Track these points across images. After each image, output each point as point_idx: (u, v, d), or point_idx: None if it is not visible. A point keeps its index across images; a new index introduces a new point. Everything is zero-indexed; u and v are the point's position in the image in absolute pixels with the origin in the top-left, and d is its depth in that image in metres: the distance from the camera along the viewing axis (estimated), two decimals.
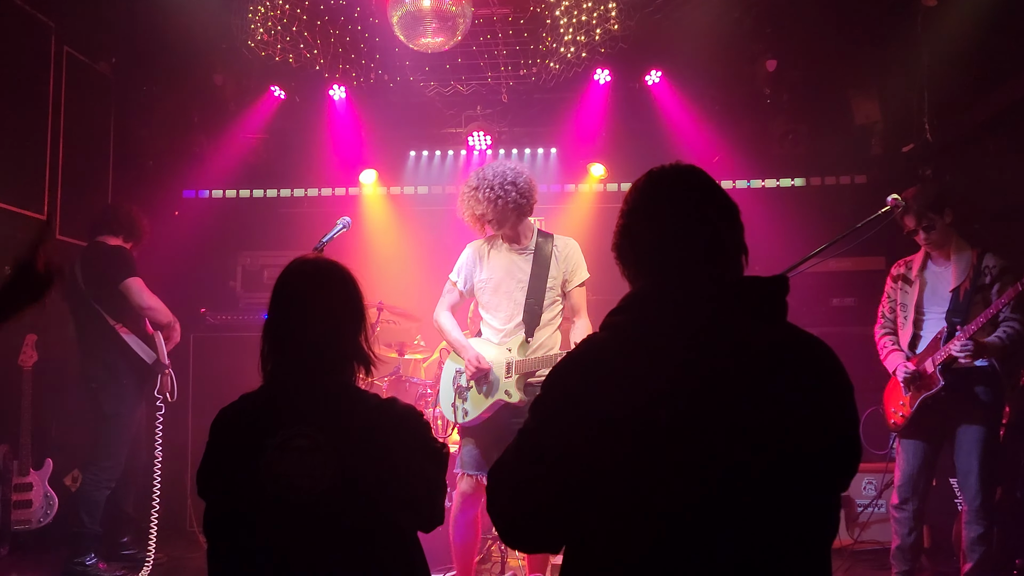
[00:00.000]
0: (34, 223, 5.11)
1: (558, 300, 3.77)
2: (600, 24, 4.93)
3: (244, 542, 1.74)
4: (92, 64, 5.75)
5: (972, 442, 3.75)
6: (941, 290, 3.90)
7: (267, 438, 1.73)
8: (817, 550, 1.46)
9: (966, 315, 3.77)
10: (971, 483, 3.74)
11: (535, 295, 3.68)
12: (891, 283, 4.15)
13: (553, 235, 3.81)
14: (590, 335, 1.60)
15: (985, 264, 3.82)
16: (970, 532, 3.75)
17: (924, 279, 3.98)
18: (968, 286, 3.80)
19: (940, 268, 3.95)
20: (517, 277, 3.72)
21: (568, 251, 3.76)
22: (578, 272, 3.76)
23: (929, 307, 3.94)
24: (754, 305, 1.54)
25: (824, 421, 1.45)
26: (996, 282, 3.78)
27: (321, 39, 5.21)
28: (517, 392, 3.62)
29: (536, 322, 3.69)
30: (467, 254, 3.88)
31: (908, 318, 3.99)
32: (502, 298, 3.74)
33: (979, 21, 4.74)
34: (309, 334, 1.86)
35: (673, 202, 1.63)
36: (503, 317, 3.73)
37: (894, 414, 3.95)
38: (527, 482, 1.51)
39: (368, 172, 6.56)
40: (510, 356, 3.66)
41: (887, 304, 4.15)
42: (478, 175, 3.67)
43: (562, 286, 3.75)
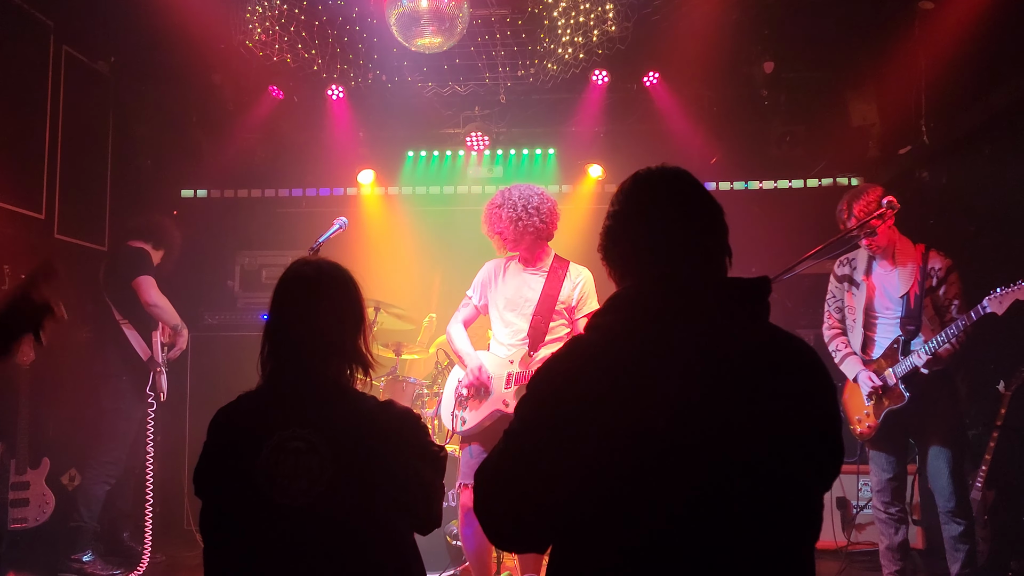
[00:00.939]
0: (32, 222, 5.11)
1: (564, 323, 3.84)
2: (598, 25, 4.94)
3: (240, 542, 1.75)
4: (91, 63, 5.75)
5: (939, 446, 3.80)
6: (891, 293, 3.92)
7: (264, 439, 1.74)
8: (801, 549, 1.47)
9: (919, 321, 3.81)
10: (942, 485, 3.78)
11: (543, 313, 3.76)
12: (835, 283, 4.16)
13: (570, 262, 3.89)
14: (575, 336, 1.61)
15: (931, 266, 3.84)
16: (950, 532, 3.78)
17: (871, 282, 3.99)
18: (917, 290, 3.82)
19: (885, 271, 3.95)
20: (527, 295, 3.80)
21: (581, 280, 3.84)
22: (588, 302, 3.83)
23: (880, 310, 3.96)
24: (737, 306, 1.56)
25: (807, 420, 1.47)
26: (943, 284, 3.82)
27: (319, 39, 5.22)
28: (515, 402, 3.62)
29: (541, 339, 3.76)
30: (484, 271, 3.99)
31: (857, 320, 4.01)
32: (511, 314, 3.82)
33: (976, 24, 4.74)
34: (308, 335, 1.87)
35: (657, 204, 1.65)
36: (510, 332, 3.81)
37: (859, 423, 3.98)
38: (512, 483, 1.51)
39: (366, 172, 6.58)
40: (512, 368, 3.73)
41: (834, 303, 4.16)
42: (504, 195, 3.78)
43: (570, 312, 3.82)
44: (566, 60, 5.22)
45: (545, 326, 3.75)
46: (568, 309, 3.81)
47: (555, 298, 3.77)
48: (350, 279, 1.98)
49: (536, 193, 3.77)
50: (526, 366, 3.71)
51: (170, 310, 4.76)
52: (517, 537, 1.59)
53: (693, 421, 1.42)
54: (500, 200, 3.77)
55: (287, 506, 1.70)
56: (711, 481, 1.40)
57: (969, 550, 3.75)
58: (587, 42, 5.05)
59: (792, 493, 1.44)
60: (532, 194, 3.76)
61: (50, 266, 1.46)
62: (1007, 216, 4.63)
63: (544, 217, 3.75)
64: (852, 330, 4.05)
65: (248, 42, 5.09)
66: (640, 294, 1.58)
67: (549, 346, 3.77)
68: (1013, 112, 4.60)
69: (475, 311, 3.99)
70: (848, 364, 4.01)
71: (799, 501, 1.46)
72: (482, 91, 6.14)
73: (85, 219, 5.74)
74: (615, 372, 1.48)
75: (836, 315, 4.15)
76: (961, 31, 4.85)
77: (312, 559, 1.71)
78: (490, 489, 1.56)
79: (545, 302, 3.76)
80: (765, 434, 1.42)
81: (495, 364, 3.77)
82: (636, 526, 1.41)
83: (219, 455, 1.82)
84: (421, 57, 5.40)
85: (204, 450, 1.84)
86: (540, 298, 3.77)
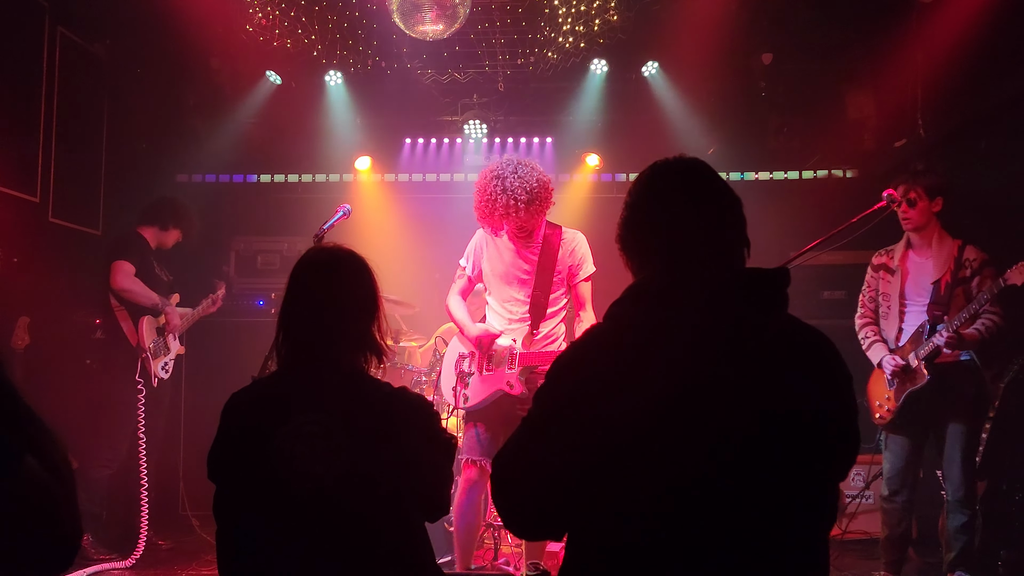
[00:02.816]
0: (27, 205, 5.08)
1: (564, 292, 3.78)
2: (599, 14, 4.93)
3: (253, 526, 1.76)
4: (86, 45, 5.70)
5: (956, 434, 3.83)
6: (923, 281, 3.95)
7: (279, 423, 1.75)
8: (817, 537, 1.49)
9: (947, 307, 3.83)
10: (955, 474, 3.82)
11: (541, 287, 3.69)
12: (872, 272, 4.19)
13: (561, 227, 3.81)
14: (593, 325, 1.63)
15: (966, 257, 3.87)
16: (953, 522, 3.83)
17: (906, 269, 4.02)
18: (949, 278, 3.85)
19: (921, 259, 3.99)
20: (523, 268, 3.72)
21: (576, 244, 3.77)
22: (584, 266, 3.76)
23: (911, 297, 3.98)
24: (756, 296, 1.57)
25: (825, 410, 1.49)
26: (976, 275, 3.84)
27: (319, 24, 5.19)
28: (519, 384, 3.64)
29: (542, 314, 3.70)
30: (476, 240, 3.88)
31: (892, 308, 4.03)
32: (508, 287, 3.75)
33: (973, 18, 4.77)
34: (324, 321, 1.87)
35: (677, 194, 1.65)
36: (508, 307, 3.75)
37: (879, 408, 4.00)
38: (531, 471, 1.53)
39: (363, 159, 6.55)
40: (515, 348, 3.68)
41: (868, 293, 4.18)
42: (502, 168, 3.59)
43: (568, 279, 3.77)
44: (566, 49, 5.22)
45: (546, 299, 3.69)
46: (568, 275, 3.74)
47: (552, 269, 3.69)
48: (366, 266, 1.98)
49: (535, 176, 3.58)
50: (529, 345, 3.67)
51: (144, 293, 4.73)
52: (536, 524, 1.60)
53: (712, 410, 1.43)
54: (497, 188, 3.55)
55: (301, 490, 1.71)
56: (730, 469, 1.41)
57: (967, 541, 3.80)
58: (588, 31, 5.05)
59: (809, 482, 1.46)
60: (525, 183, 3.55)
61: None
62: (1003, 210, 4.66)
63: (545, 200, 3.62)
64: (887, 317, 4.06)
65: (248, 26, 5.05)
66: (659, 284, 1.60)
67: (549, 321, 3.73)
68: (1010, 106, 4.64)
69: (469, 282, 3.90)
70: (874, 350, 4.03)
71: (816, 490, 1.48)
72: (481, 79, 6.12)
73: (80, 203, 5.70)
74: (634, 361, 1.49)
75: (869, 304, 4.16)
76: (958, 25, 4.87)
77: (324, 543, 1.72)
78: (509, 476, 1.57)
79: (543, 275, 3.68)
80: (783, 423, 1.44)
81: (498, 342, 3.71)
82: (656, 514, 1.42)
83: (234, 439, 1.83)
84: (421, 44, 5.38)
85: (218, 434, 1.85)
86: (537, 271, 3.69)
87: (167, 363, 4.92)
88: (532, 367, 3.65)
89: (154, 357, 4.77)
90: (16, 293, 4.75)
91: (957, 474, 3.80)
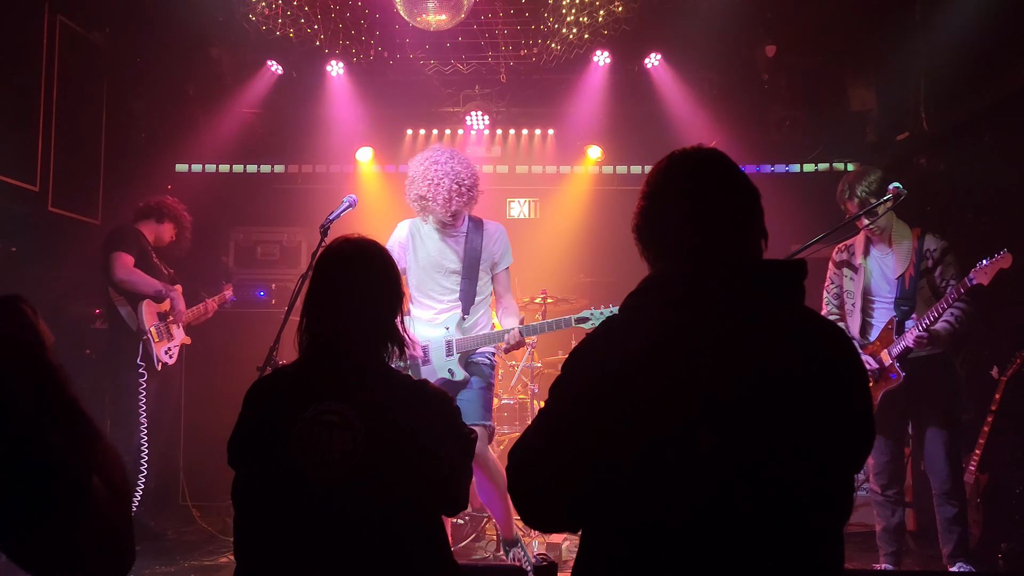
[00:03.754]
0: (27, 194, 5.05)
1: (488, 281, 3.91)
2: (604, 5, 4.91)
3: (270, 513, 1.75)
4: (86, 34, 5.66)
5: (936, 428, 3.87)
6: (887, 276, 3.97)
7: (299, 412, 1.74)
8: (835, 528, 1.49)
9: (913, 302, 3.86)
10: (939, 467, 3.85)
11: (469, 275, 3.80)
12: (834, 268, 4.20)
13: (483, 220, 3.91)
14: (610, 317, 1.61)
15: (926, 248, 3.89)
16: (944, 514, 3.86)
17: (868, 265, 4.03)
18: (912, 271, 3.88)
19: (882, 253, 4.01)
20: (450, 259, 3.81)
21: (498, 236, 3.89)
22: (505, 257, 3.91)
23: (877, 294, 4.01)
24: (774, 288, 1.56)
25: (844, 403, 1.48)
26: (938, 265, 3.87)
27: (322, 14, 5.16)
28: (460, 370, 3.74)
29: (471, 300, 3.82)
30: (399, 232, 3.92)
31: (856, 305, 4.05)
32: (436, 278, 3.82)
33: (977, 11, 4.76)
34: (347, 312, 1.88)
35: (692, 185, 1.64)
36: (437, 298, 3.83)
37: None
38: (546, 464, 1.52)
39: (364, 150, 6.53)
40: (449, 335, 3.76)
41: (832, 290, 4.21)
42: (437, 155, 3.70)
43: (491, 268, 3.89)
44: (570, 40, 5.20)
45: (473, 288, 3.81)
46: (491, 265, 3.88)
47: (478, 259, 3.81)
48: (388, 257, 1.99)
49: (471, 165, 3.74)
50: (463, 332, 3.76)
51: (145, 281, 4.75)
52: (551, 517, 1.59)
53: (728, 403, 1.43)
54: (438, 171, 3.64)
55: (319, 479, 1.71)
56: (746, 461, 1.41)
57: (961, 532, 3.83)
58: (592, 22, 5.03)
59: (827, 473, 1.46)
60: (466, 163, 3.71)
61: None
62: (1005, 203, 4.67)
63: (477, 191, 3.74)
64: (851, 315, 4.09)
65: (251, 16, 5.01)
66: (675, 275, 1.59)
67: (479, 306, 3.85)
68: (1013, 100, 4.63)
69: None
70: None
71: (833, 481, 1.48)
72: (483, 70, 6.10)
73: (79, 192, 5.68)
74: (651, 353, 1.48)
75: (835, 301, 4.20)
76: (962, 18, 4.87)
77: (341, 533, 1.71)
78: (525, 468, 1.56)
79: (470, 264, 3.80)
80: (800, 416, 1.44)
81: (430, 333, 3.78)
82: (672, 506, 1.42)
83: (253, 427, 1.83)
84: (424, 34, 5.35)
85: (239, 421, 1.85)
86: (464, 260, 3.80)
87: (171, 348, 4.89)
88: (469, 351, 3.77)
89: (156, 340, 4.77)
90: (15, 282, 4.73)
91: (942, 467, 3.84)
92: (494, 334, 3.74)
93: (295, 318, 2.04)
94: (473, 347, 3.75)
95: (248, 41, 5.67)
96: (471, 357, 3.79)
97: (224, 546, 4.77)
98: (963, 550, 3.83)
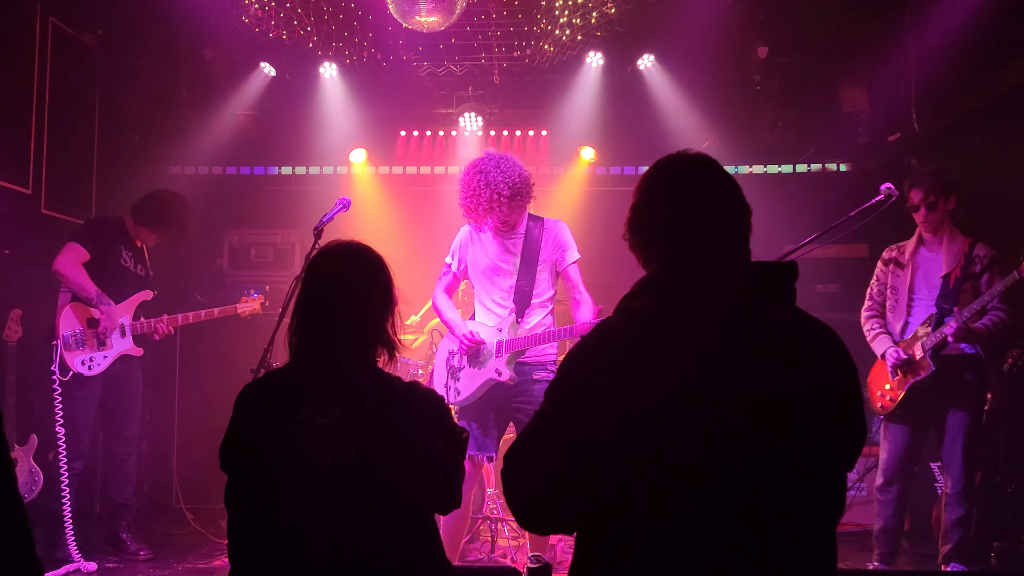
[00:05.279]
0: (19, 197, 5.04)
1: (550, 283, 3.82)
2: (597, 7, 4.92)
3: (264, 517, 1.76)
4: (78, 36, 5.65)
5: (958, 427, 3.86)
6: (932, 275, 3.98)
7: (290, 415, 1.75)
8: (826, 525, 1.50)
9: (955, 301, 3.86)
10: (954, 467, 3.85)
11: (526, 277, 3.74)
12: (882, 266, 4.22)
13: (543, 218, 3.86)
14: (605, 319, 1.62)
15: (976, 253, 3.90)
16: (951, 514, 3.85)
17: (916, 263, 4.05)
18: (959, 273, 3.89)
19: (932, 254, 4.02)
20: (507, 260, 3.77)
21: (557, 231, 3.82)
22: (569, 252, 3.82)
23: (920, 292, 4.02)
24: (766, 289, 1.58)
25: (835, 402, 1.50)
26: (985, 272, 3.87)
27: (314, 16, 5.16)
28: (507, 370, 3.69)
29: (527, 303, 3.75)
30: (460, 236, 3.94)
31: (899, 301, 4.06)
32: (494, 281, 3.80)
33: (967, 12, 4.79)
34: (339, 315, 1.88)
35: (684, 189, 1.67)
36: (495, 301, 3.80)
37: (881, 398, 4.03)
38: (542, 466, 1.54)
39: (358, 151, 6.53)
40: (501, 336, 3.73)
41: (876, 287, 4.21)
42: (484, 163, 3.66)
43: (554, 266, 3.82)
44: (563, 42, 5.21)
45: (530, 290, 3.75)
46: (552, 264, 3.81)
47: (536, 259, 3.75)
48: (382, 261, 2.00)
49: (516, 171, 3.64)
50: (515, 333, 3.73)
51: (79, 282, 4.36)
52: (547, 519, 1.61)
53: (720, 402, 1.44)
54: (480, 182, 3.61)
55: (312, 482, 1.71)
56: (739, 461, 1.42)
57: (964, 534, 3.84)
58: (585, 24, 5.04)
59: (818, 472, 1.48)
60: (508, 178, 3.61)
61: None
62: (997, 204, 4.69)
63: (527, 194, 3.68)
64: (893, 310, 4.09)
65: (243, 17, 5.01)
66: (668, 278, 1.61)
67: (536, 311, 3.78)
68: (1004, 100, 4.66)
69: (455, 278, 3.95)
70: (879, 342, 4.06)
71: (824, 480, 1.49)
72: (477, 71, 6.11)
73: (72, 195, 5.67)
74: (645, 355, 1.50)
75: (877, 297, 4.20)
76: (953, 18, 4.89)
77: (335, 535, 1.72)
78: (521, 470, 1.57)
79: (527, 265, 3.74)
80: (791, 415, 1.45)
81: (484, 333, 3.76)
82: (666, 508, 1.43)
83: (245, 430, 1.83)
84: (417, 36, 5.36)
85: (230, 425, 1.85)
86: (521, 262, 3.75)
87: (94, 358, 4.47)
88: (519, 352, 3.72)
89: (69, 348, 4.37)
90: (8, 286, 4.72)
91: (958, 467, 3.84)
92: (541, 334, 3.66)
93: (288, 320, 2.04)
94: (522, 347, 3.69)
95: (241, 43, 5.67)
96: (521, 358, 3.72)
97: (218, 549, 4.76)
98: (962, 551, 3.84)
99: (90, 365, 4.47)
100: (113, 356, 4.56)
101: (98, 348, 4.50)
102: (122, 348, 4.60)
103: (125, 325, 4.61)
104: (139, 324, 4.65)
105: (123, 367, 4.63)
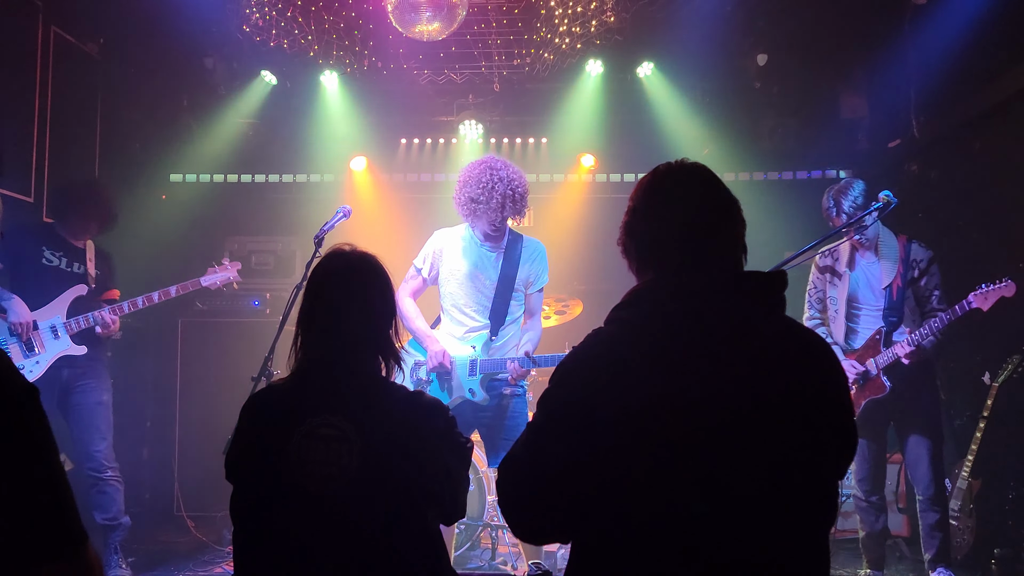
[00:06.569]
0: (21, 205, 5.05)
1: (522, 299, 3.81)
2: (596, 16, 4.94)
3: (269, 527, 1.76)
4: (80, 45, 5.67)
5: (919, 435, 3.91)
6: (874, 285, 3.99)
7: (295, 425, 1.75)
8: (819, 533, 1.51)
9: (901, 312, 3.90)
10: (922, 473, 3.89)
11: (502, 295, 3.69)
12: (817, 272, 4.22)
13: (522, 235, 3.82)
14: (596, 329, 1.63)
15: (913, 257, 3.92)
16: (926, 520, 3.89)
17: (854, 273, 4.05)
18: (899, 282, 3.91)
19: (868, 261, 4.02)
20: (487, 274, 3.71)
21: (536, 254, 3.79)
22: (542, 277, 3.82)
23: (864, 302, 4.03)
24: (757, 299, 1.59)
25: (823, 410, 1.51)
26: (924, 275, 3.91)
27: (315, 24, 5.18)
28: (481, 391, 3.65)
29: (501, 321, 3.72)
30: (436, 242, 3.83)
31: (839, 311, 4.08)
32: (469, 292, 3.72)
33: (968, 19, 4.80)
34: (343, 324, 1.88)
35: (675, 198, 1.68)
36: (469, 313, 3.73)
37: None
38: (536, 477, 1.54)
39: (358, 159, 6.55)
40: (474, 355, 3.67)
41: (814, 295, 4.22)
42: (493, 162, 3.62)
43: (527, 286, 3.79)
44: (563, 50, 5.22)
45: (505, 307, 3.69)
46: (526, 283, 3.77)
47: (514, 277, 3.70)
48: (382, 271, 1.99)
49: (524, 179, 3.65)
50: (488, 352, 3.68)
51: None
52: (541, 529, 1.61)
53: (712, 411, 1.45)
54: (494, 177, 3.56)
55: (316, 492, 1.72)
56: (731, 470, 1.43)
57: (943, 538, 3.87)
58: (585, 32, 5.05)
59: (809, 480, 1.48)
60: (521, 180, 3.62)
61: None
62: (996, 211, 4.70)
63: (526, 205, 3.65)
64: (834, 320, 4.11)
65: (244, 26, 5.03)
66: (660, 288, 1.61)
67: (509, 328, 3.74)
68: (1004, 107, 4.66)
69: (423, 283, 3.83)
70: None
71: (816, 487, 1.50)
72: (477, 79, 6.13)
73: None
74: (636, 364, 1.51)
75: (817, 305, 4.22)
76: (952, 26, 4.90)
77: (339, 545, 1.72)
78: (514, 480, 1.58)
79: (505, 282, 3.68)
80: (782, 423, 1.46)
81: (456, 349, 3.69)
82: (659, 517, 1.44)
83: (250, 441, 1.84)
84: (417, 44, 5.38)
85: (235, 435, 1.86)
86: (500, 278, 3.69)
87: (21, 367, 4.02)
88: (492, 374, 3.67)
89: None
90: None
91: (925, 473, 3.87)
92: (517, 363, 3.61)
93: (290, 327, 2.05)
94: (496, 369, 3.65)
95: (242, 51, 5.69)
96: (494, 378, 3.69)
97: (219, 556, 4.76)
98: (944, 556, 3.86)
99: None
100: (48, 360, 4.20)
101: (26, 355, 4.15)
102: (59, 350, 4.23)
103: (57, 325, 4.24)
104: (75, 321, 4.26)
105: (73, 378, 4.29)
